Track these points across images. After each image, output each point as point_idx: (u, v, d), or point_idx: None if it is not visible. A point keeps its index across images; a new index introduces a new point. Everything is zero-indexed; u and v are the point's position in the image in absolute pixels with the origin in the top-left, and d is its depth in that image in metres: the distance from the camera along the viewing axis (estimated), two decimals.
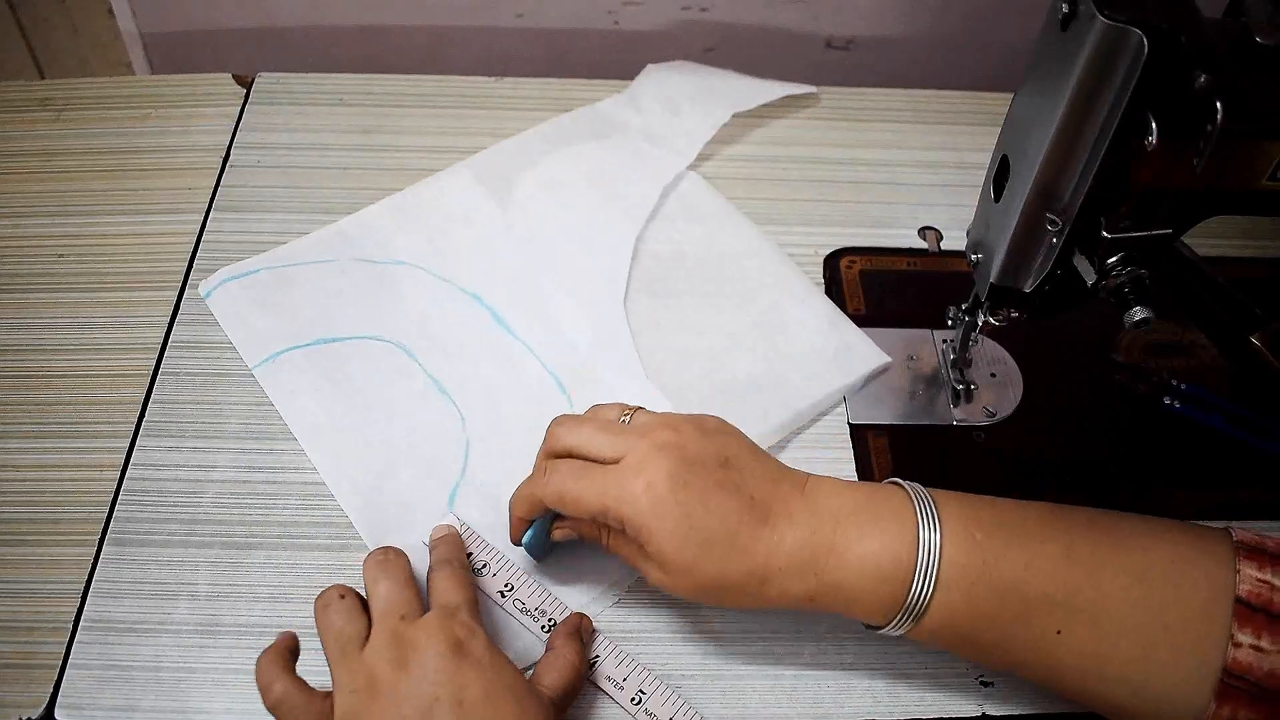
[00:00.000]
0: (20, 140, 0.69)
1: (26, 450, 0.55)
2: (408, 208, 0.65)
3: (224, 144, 0.69)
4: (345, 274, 0.62)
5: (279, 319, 0.59)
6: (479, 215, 0.65)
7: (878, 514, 0.44)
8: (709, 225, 0.66)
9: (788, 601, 0.45)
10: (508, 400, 0.58)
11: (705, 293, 0.63)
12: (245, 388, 0.57)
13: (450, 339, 0.60)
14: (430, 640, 0.42)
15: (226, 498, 0.54)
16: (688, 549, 0.44)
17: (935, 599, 0.43)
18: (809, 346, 0.61)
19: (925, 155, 0.72)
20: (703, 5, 0.80)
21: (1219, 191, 0.45)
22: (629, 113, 0.72)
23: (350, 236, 0.64)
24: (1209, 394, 0.60)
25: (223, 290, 0.60)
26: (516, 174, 0.68)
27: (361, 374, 0.58)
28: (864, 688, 0.50)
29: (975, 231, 0.52)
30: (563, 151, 0.69)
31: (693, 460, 0.45)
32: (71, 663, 0.48)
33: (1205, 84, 0.40)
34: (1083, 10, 0.40)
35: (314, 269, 0.62)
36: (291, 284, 0.61)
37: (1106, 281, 0.47)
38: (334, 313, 0.60)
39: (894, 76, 0.84)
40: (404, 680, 0.41)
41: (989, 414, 0.59)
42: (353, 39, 0.81)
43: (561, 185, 0.67)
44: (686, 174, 0.69)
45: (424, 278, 0.62)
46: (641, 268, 0.64)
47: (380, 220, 0.65)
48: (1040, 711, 0.49)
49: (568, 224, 0.65)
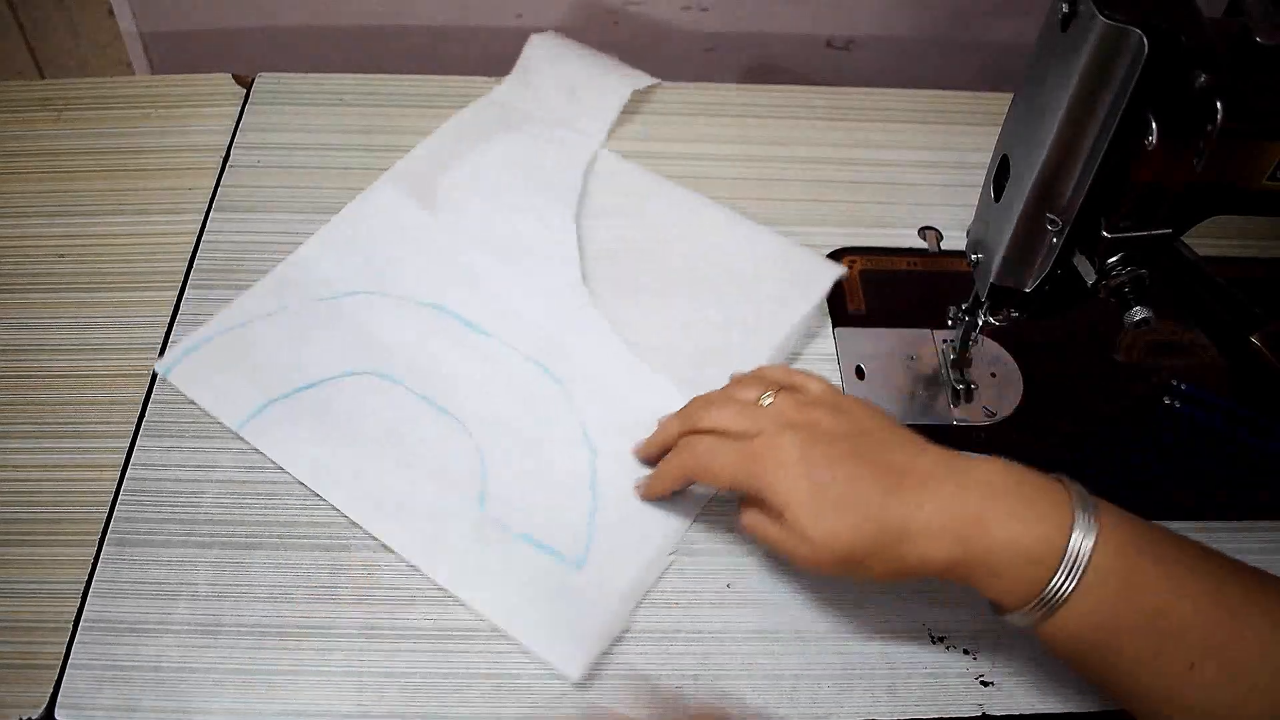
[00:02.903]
0: (20, 140, 0.69)
1: (26, 450, 0.55)
2: (339, 237, 0.63)
3: (224, 144, 0.69)
4: (300, 318, 0.60)
5: (249, 378, 0.57)
6: (412, 226, 0.64)
7: (1033, 497, 0.44)
8: (641, 202, 0.67)
9: (928, 567, 0.45)
10: (503, 399, 0.58)
11: (665, 270, 0.64)
12: None
13: (426, 354, 0.59)
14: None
15: (226, 498, 0.54)
16: (823, 511, 0.45)
17: (1076, 596, 0.42)
18: (768, 280, 0.63)
19: (925, 155, 0.72)
20: (703, 5, 0.80)
21: (1219, 191, 0.45)
22: (527, 99, 0.72)
23: (292, 280, 0.61)
24: (1209, 394, 0.60)
25: (183, 365, 0.57)
26: (437, 177, 0.66)
27: (350, 410, 0.56)
28: (864, 688, 0.50)
29: (975, 231, 0.52)
30: (479, 148, 0.68)
31: (824, 432, 0.47)
32: (71, 663, 0.48)
33: (1205, 84, 0.40)
34: (1083, 10, 0.40)
35: (267, 322, 0.59)
36: (250, 343, 0.58)
37: (1106, 281, 0.47)
38: (303, 359, 0.58)
39: (894, 76, 0.84)
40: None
41: (989, 414, 0.59)
42: (353, 39, 0.81)
43: (485, 180, 0.67)
44: (602, 153, 0.70)
45: (379, 302, 0.61)
46: (598, 265, 0.64)
47: (317, 256, 0.62)
48: (1040, 712, 0.49)
49: (502, 217, 0.65)
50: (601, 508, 0.54)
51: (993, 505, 0.44)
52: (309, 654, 0.49)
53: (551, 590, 0.51)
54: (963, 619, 0.52)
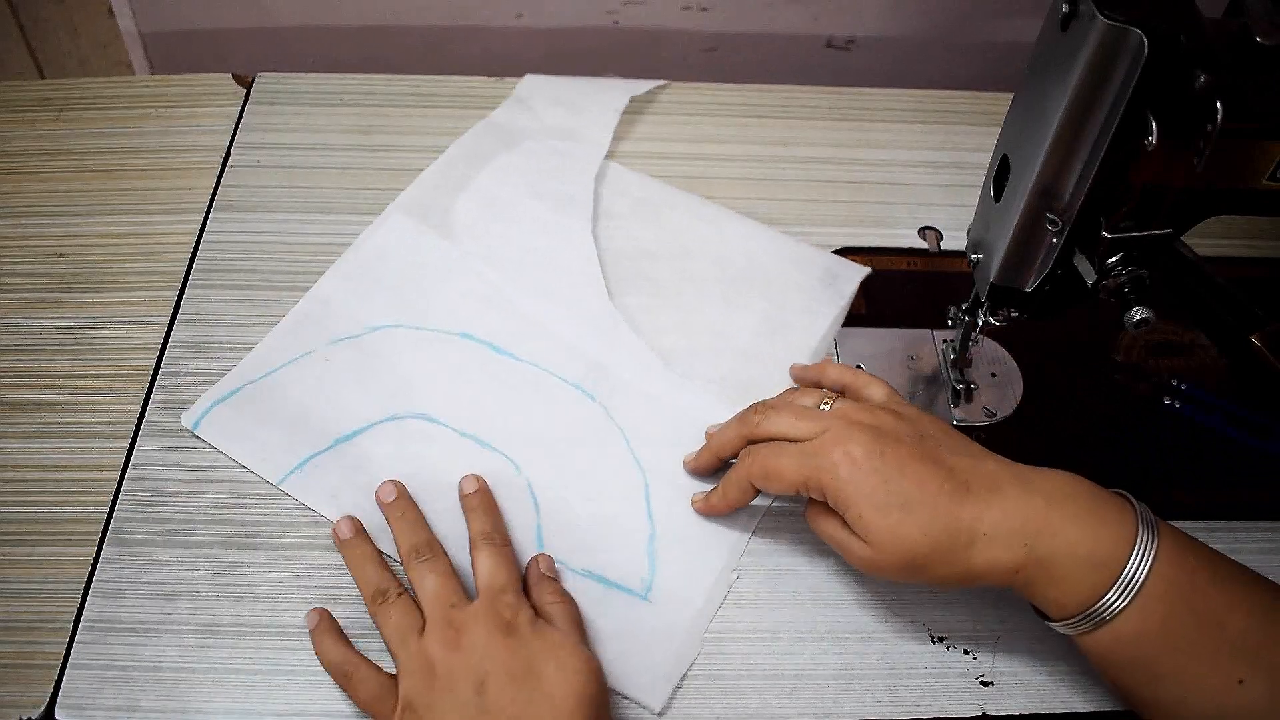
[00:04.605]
0: (20, 140, 0.69)
1: (26, 450, 0.55)
2: (356, 270, 0.62)
3: (224, 144, 0.69)
4: (329, 360, 0.58)
5: (285, 431, 0.55)
6: (430, 254, 0.63)
7: (1095, 506, 0.44)
8: (658, 211, 0.67)
9: (994, 573, 0.45)
10: (546, 427, 0.57)
11: (692, 277, 0.64)
12: None
13: (462, 388, 0.58)
14: (478, 623, 0.45)
15: (226, 498, 0.54)
16: (889, 512, 0.45)
17: (1134, 605, 0.43)
18: (796, 283, 0.63)
19: (925, 155, 0.72)
20: (703, 5, 0.80)
21: (1219, 191, 0.45)
22: (526, 119, 0.71)
23: (314, 318, 0.60)
24: (1209, 394, 0.60)
25: (213, 417, 0.55)
26: (449, 202, 0.66)
27: (394, 458, 0.55)
28: (864, 688, 0.50)
29: (975, 231, 0.52)
30: (486, 169, 0.68)
31: (889, 434, 0.47)
32: (71, 663, 0.48)
33: (1205, 84, 0.40)
34: (1083, 10, 0.40)
35: (296, 368, 0.57)
36: (279, 392, 0.57)
37: (1107, 281, 0.47)
38: (338, 407, 0.56)
39: (894, 76, 0.84)
40: (457, 660, 0.44)
41: (989, 414, 0.59)
42: (353, 39, 0.81)
43: (498, 201, 0.66)
44: (609, 165, 0.69)
45: (406, 335, 0.59)
46: (616, 271, 0.64)
47: (335, 292, 0.61)
48: (1040, 711, 0.49)
49: (520, 236, 0.64)
50: (660, 534, 0.53)
51: (1060, 511, 0.44)
52: (309, 654, 0.49)
53: (621, 625, 0.50)
54: (963, 619, 0.52)
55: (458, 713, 0.43)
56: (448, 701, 0.43)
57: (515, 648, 0.44)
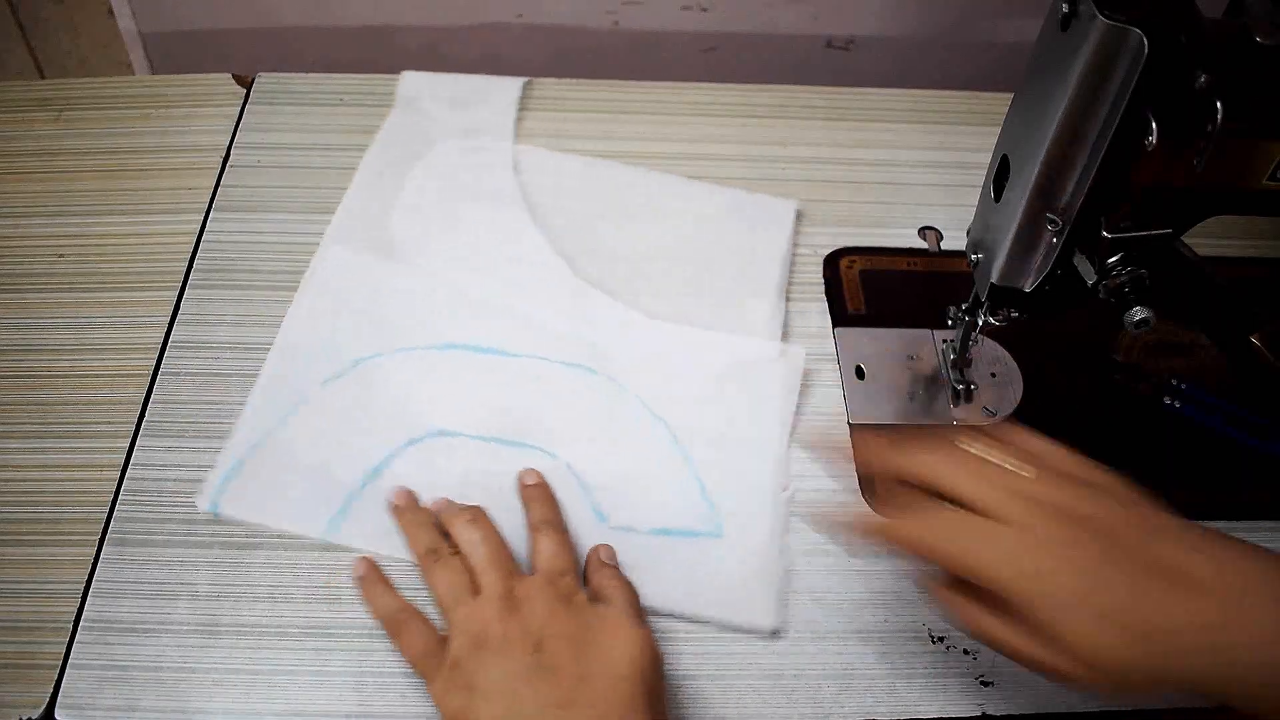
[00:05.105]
0: (20, 140, 0.69)
1: (26, 450, 0.55)
2: (314, 309, 0.60)
3: (224, 144, 0.69)
4: (325, 405, 0.56)
5: (312, 484, 0.54)
6: (384, 277, 0.62)
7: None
8: (585, 184, 0.68)
9: (1198, 686, 0.39)
10: (563, 410, 0.57)
11: (644, 243, 0.65)
12: (245, 388, 0.57)
13: (468, 395, 0.57)
14: (538, 594, 0.46)
15: None
16: (1093, 621, 0.39)
17: None
18: (736, 230, 0.66)
19: (925, 155, 0.72)
20: (703, 5, 0.80)
21: (1219, 191, 0.45)
22: (426, 122, 0.70)
23: (291, 367, 0.57)
24: (1209, 394, 0.60)
25: (230, 494, 0.53)
26: (382, 221, 0.64)
27: (431, 481, 0.54)
28: (864, 688, 0.50)
29: (975, 231, 0.52)
30: (408, 180, 0.67)
31: (1087, 518, 0.41)
32: (71, 663, 0.48)
33: (1205, 84, 0.40)
34: (1083, 10, 0.40)
35: (295, 422, 0.56)
36: (289, 448, 0.55)
37: (1107, 281, 0.47)
38: (354, 446, 0.55)
39: (894, 76, 0.84)
40: (514, 625, 0.45)
41: (989, 414, 0.59)
42: (353, 39, 0.81)
43: (428, 210, 0.65)
44: (523, 150, 0.69)
45: (393, 360, 0.58)
46: (567, 248, 0.64)
47: (301, 336, 0.59)
48: (1040, 711, 0.49)
49: (466, 239, 0.64)
50: (703, 474, 0.55)
51: (1254, 597, 0.39)
52: (309, 654, 0.49)
53: (711, 566, 0.52)
54: None
55: (509, 676, 0.43)
56: (500, 664, 0.44)
57: (573, 615, 0.45)
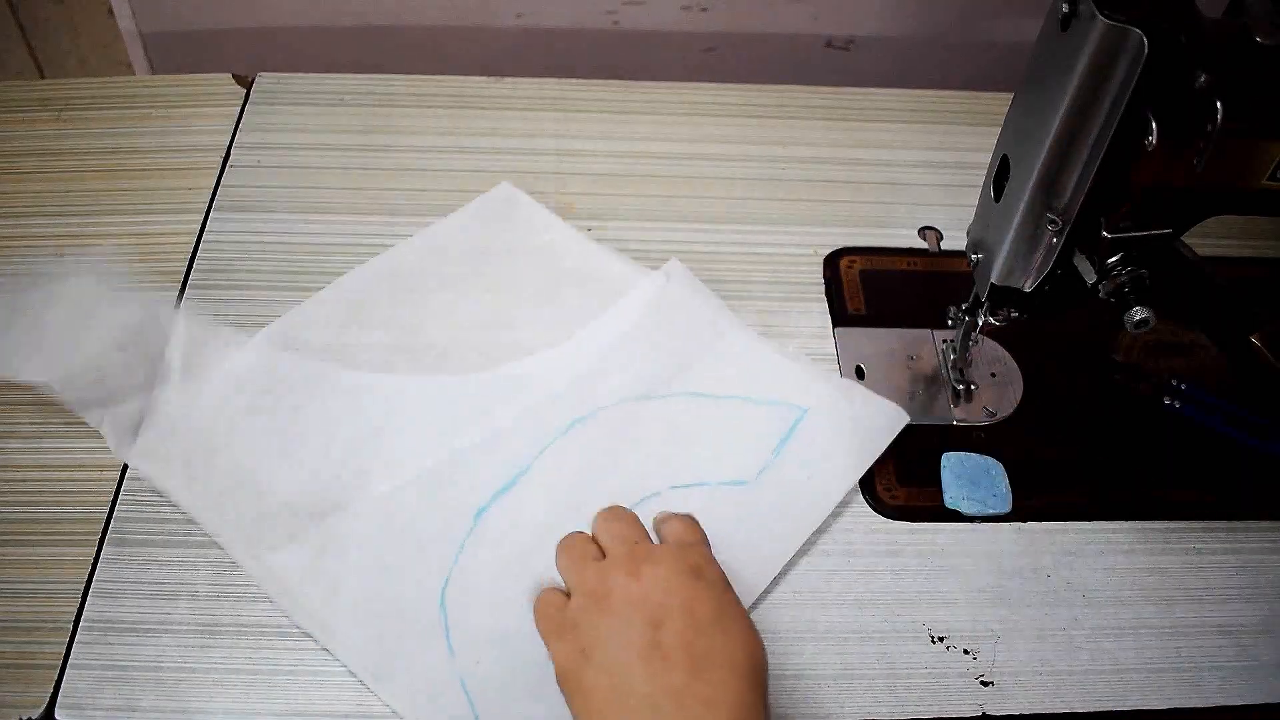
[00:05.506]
0: (20, 140, 0.69)
1: (26, 450, 0.55)
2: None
3: (224, 144, 0.69)
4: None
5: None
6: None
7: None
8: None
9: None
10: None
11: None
12: None
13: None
14: (666, 559, 0.43)
15: None
16: None
17: None
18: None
19: (925, 155, 0.72)
20: (703, 5, 0.80)
21: (1219, 191, 0.45)
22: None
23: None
24: (1209, 394, 0.60)
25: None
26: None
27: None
28: (864, 688, 0.50)
29: (975, 231, 0.52)
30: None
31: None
32: (71, 663, 0.48)
33: (1205, 84, 0.40)
34: (1083, 10, 0.40)
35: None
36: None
37: (1106, 281, 0.47)
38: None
39: (894, 76, 0.84)
40: (636, 589, 0.42)
41: (989, 414, 0.59)
42: (353, 39, 0.81)
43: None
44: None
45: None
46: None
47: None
48: (1040, 711, 0.49)
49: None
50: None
51: None
52: (309, 654, 0.49)
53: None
54: (962, 619, 0.52)
55: (625, 645, 0.40)
56: (617, 630, 0.41)
57: (703, 591, 0.42)
